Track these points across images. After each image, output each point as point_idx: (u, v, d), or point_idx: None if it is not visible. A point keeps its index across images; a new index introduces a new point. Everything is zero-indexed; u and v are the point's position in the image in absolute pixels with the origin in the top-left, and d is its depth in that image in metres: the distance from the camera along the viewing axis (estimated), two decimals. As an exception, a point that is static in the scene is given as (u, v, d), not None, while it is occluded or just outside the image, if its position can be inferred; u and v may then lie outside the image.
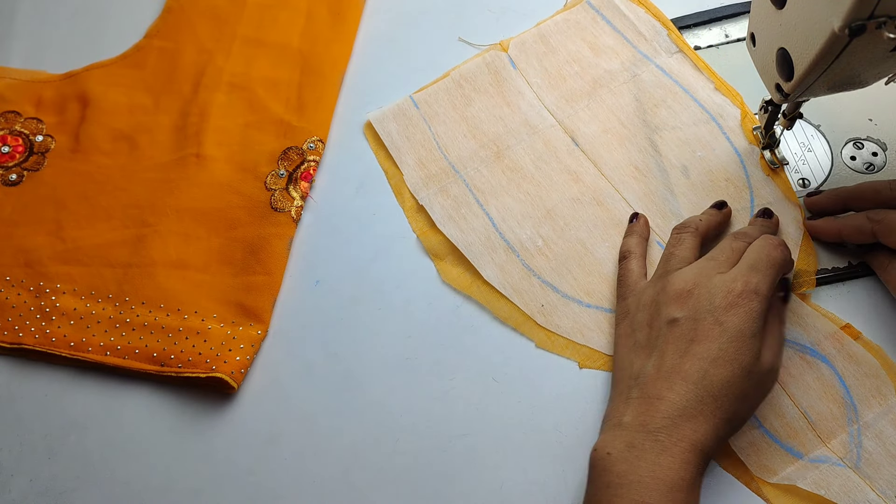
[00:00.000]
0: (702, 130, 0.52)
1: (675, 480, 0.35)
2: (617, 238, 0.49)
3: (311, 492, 0.44)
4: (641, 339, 0.41)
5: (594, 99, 0.54)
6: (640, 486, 0.35)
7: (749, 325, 0.39)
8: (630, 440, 0.37)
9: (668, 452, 0.36)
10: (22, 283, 0.51)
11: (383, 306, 0.49)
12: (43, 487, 0.45)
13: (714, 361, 0.38)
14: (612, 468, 0.36)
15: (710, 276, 0.41)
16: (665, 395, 0.38)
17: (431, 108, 0.54)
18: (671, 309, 0.40)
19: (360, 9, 0.61)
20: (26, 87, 0.59)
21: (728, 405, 0.38)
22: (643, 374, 0.39)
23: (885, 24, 0.34)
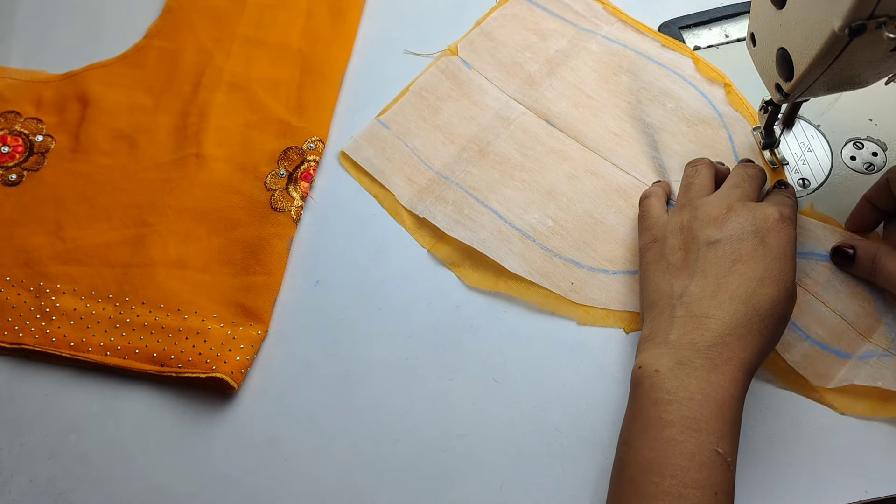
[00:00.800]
0: (666, 84, 0.54)
1: (725, 398, 0.36)
2: (621, 202, 0.50)
3: (311, 492, 0.44)
4: (677, 261, 0.41)
5: (555, 78, 0.55)
6: (692, 403, 0.35)
7: (790, 247, 0.40)
8: (679, 357, 0.37)
9: (719, 370, 0.36)
10: (22, 283, 0.51)
11: (383, 306, 0.49)
12: (43, 487, 0.45)
13: (761, 281, 0.38)
14: (661, 384, 0.37)
15: (744, 202, 0.42)
16: (713, 314, 0.38)
17: (402, 126, 0.54)
18: (709, 231, 0.41)
19: (360, 9, 0.61)
20: (26, 87, 0.59)
21: (773, 325, 0.38)
22: (687, 293, 0.39)
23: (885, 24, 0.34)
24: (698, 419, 0.35)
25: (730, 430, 0.36)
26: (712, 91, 0.53)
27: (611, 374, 0.45)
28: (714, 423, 0.35)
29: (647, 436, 0.36)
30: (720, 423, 0.35)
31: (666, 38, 0.56)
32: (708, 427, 0.35)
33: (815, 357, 0.44)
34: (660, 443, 0.35)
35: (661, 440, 0.35)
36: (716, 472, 0.34)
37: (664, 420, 0.36)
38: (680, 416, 0.35)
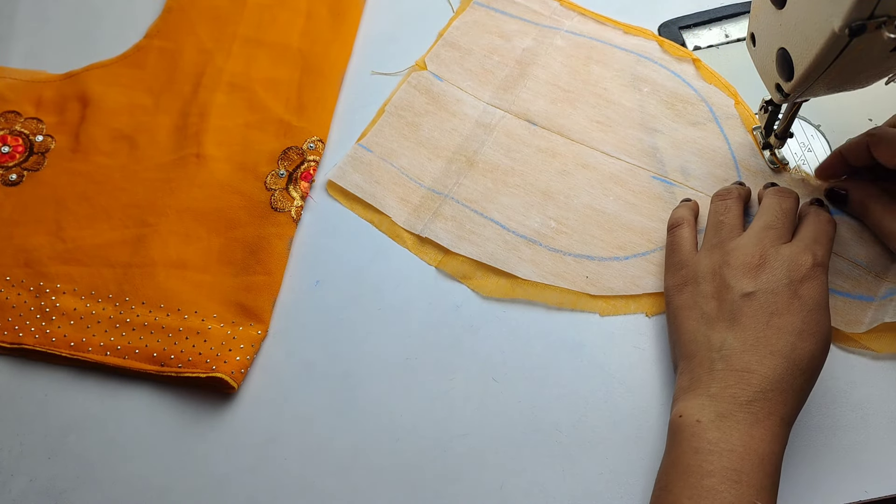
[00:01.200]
0: (637, 70, 0.55)
1: (766, 452, 0.36)
2: (617, 189, 0.50)
3: (311, 492, 0.44)
4: (711, 311, 0.41)
5: (527, 78, 0.56)
6: (733, 455, 0.36)
7: (823, 297, 0.40)
8: (721, 410, 0.37)
9: (761, 424, 0.36)
10: (22, 283, 0.51)
11: (383, 306, 0.49)
12: (43, 487, 0.45)
13: (800, 335, 0.38)
14: (702, 434, 0.37)
15: (776, 246, 0.41)
16: (755, 369, 0.38)
17: (384, 147, 0.54)
18: (743, 282, 0.40)
19: (360, 9, 0.61)
20: (26, 87, 0.59)
21: (811, 378, 0.39)
22: (726, 346, 0.39)
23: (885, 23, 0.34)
24: (739, 471, 0.35)
25: (769, 485, 0.36)
26: (683, 69, 0.54)
27: (611, 374, 0.45)
28: (755, 477, 0.35)
29: (687, 483, 0.36)
30: (761, 477, 0.35)
31: (626, 25, 0.57)
32: (749, 480, 0.35)
33: (841, 307, 0.45)
34: (699, 491, 0.35)
35: (701, 489, 0.35)
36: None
37: (705, 469, 0.36)
38: (721, 467, 0.35)
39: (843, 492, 0.41)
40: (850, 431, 0.43)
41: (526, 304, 0.48)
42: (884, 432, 0.42)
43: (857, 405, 0.43)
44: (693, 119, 0.52)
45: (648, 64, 0.55)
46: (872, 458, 0.42)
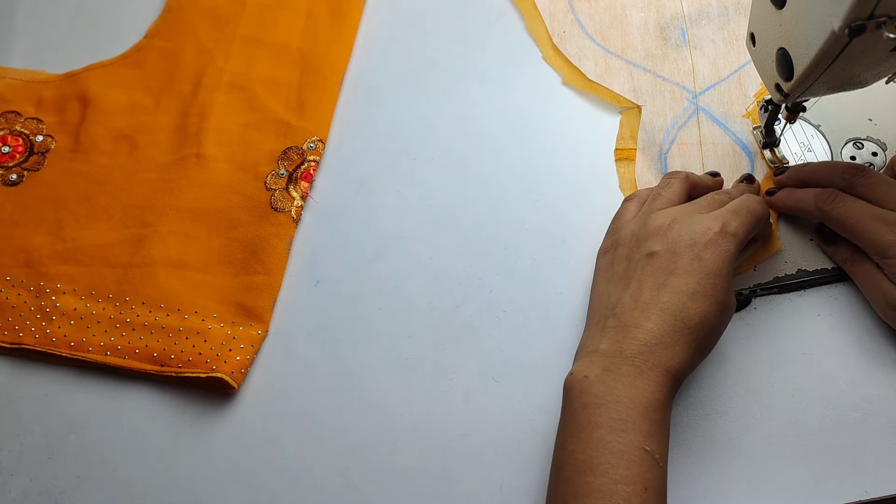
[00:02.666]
0: None
1: (650, 400, 0.37)
2: (653, 13, 0.57)
3: (311, 492, 0.44)
4: (619, 272, 0.42)
5: None
6: (618, 406, 0.37)
7: (725, 265, 0.40)
8: (607, 364, 0.38)
9: (644, 376, 0.37)
10: (22, 283, 0.51)
11: (383, 306, 0.49)
12: (43, 487, 0.45)
13: (693, 296, 0.39)
14: (589, 389, 0.38)
15: (691, 214, 0.42)
16: (642, 324, 0.39)
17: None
18: (650, 243, 0.41)
19: (360, 9, 0.61)
20: (26, 87, 0.59)
21: (702, 337, 0.39)
22: (620, 304, 0.40)
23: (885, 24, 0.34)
24: (625, 420, 0.36)
25: (657, 431, 0.37)
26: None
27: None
28: (641, 423, 0.36)
29: (579, 438, 0.37)
30: (647, 424, 0.36)
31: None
32: (635, 427, 0.36)
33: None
34: (590, 444, 0.36)
35: (591, 441, 0.36)
36: (644, 469, 0.36)
37: (593, 423, 0.37)
38: (608, 418, 0.36)
39: (843, 492, 0.41)
40: (850, 431, 0.42)
41: (526, 303, 0.48)
42: (884, 432, 0.42)
43: (857, 405, 0.43)
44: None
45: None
46: (872, 458, 0.42)
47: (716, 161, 0.51)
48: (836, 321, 0.45)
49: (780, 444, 0.42)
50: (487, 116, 0.55)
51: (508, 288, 0.49)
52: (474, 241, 0.51)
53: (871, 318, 0.45)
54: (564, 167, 0.53)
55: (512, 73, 0.57)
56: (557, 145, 0.54)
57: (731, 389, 0.44)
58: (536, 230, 0.51)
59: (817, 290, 0.46)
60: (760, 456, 0.42)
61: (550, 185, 0.52)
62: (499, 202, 0.52)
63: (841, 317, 0.46)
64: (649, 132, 0.52)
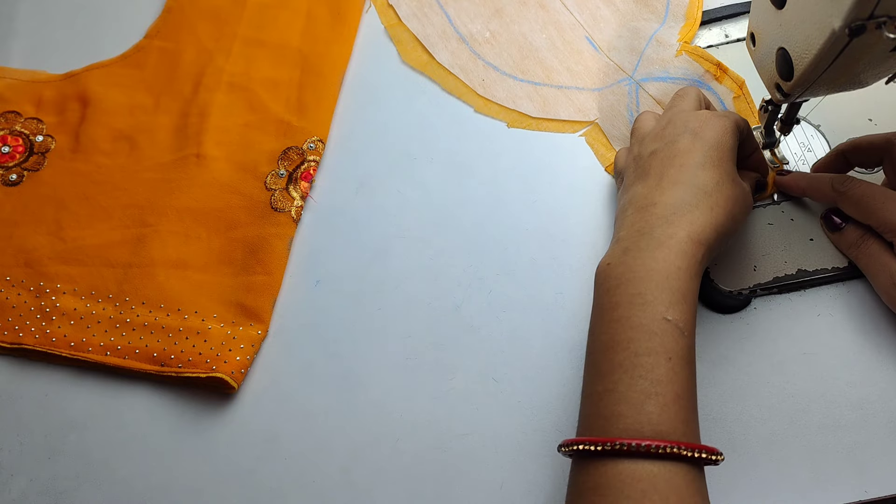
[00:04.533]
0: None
1: (670, 269, 0.37)
2: (554, 32, 0.57)
3: (311, 491, 0.44)
4: (631, 176, 0.43)
5: None
6: (635, 281, 0.37)
7: (726, 137, 0.41)
8: (626, 246, 0.38)
9: (664, 246, 0.37)
10: (22, 283, 0.51)
11: (383, 306, 0.49)
12: (43, 487, 0.45)
13: (701, 165, 0.40)
14: (611, 273, 0.38)
15: (682, 109, 0.44)
16: (657, 201, 0.39)
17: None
18: (651, 145, 0.43)
19: (360, 9, 0.61)
20: (26, 87, 0.59)
21: (722, 201, 0.39)
22: (635, 196, 0.41)
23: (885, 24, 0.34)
24: (643, 293, 0.36)
25: (679, 299, 0.36)
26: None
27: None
28: (660, 294, 0.36)
29: (602, 320, 0.37)
30: (667, 294, 0.36)
31: None
32: (654, 298, 0.36)
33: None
34: (612, 324, 0.36)
35: (612, 321, 0.36)
36: (667, 339, 0.35)
37: (613, 302, 0.37)
38: (626, 295, 0.36)
39: (843, 492, 0.41)
40: (850, 431, 0.43)
41: (526, 303, 0.48)
42: (884, 432, 0.42)
43: (857, 405, 0.43)
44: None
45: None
46: (872, 458, 0.42)
47: None
48: (836, 321, 0.45)
49: (780, 444, 0.43)
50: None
51: (508, 288, 0.49)
52: (474, 241, 0.51)
53: (872, 319, 0.45)
54: (564, 167, 0.53)
55: (512, 73, 0.57)
56: (557, 145, 0.54)
57: (732, 389, 0.44)
58: (536, 230, 0.51)
59: (817, 290, 0.46)
60: (761, 456, 0.42)
61: (550, 185, 0.52)
62: (499, 202, 0.52)
63: (841, 317, 0.46)
64: (619, 136, 0.53)
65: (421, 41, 0.58)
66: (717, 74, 0.52)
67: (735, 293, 0.46)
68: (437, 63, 0.57)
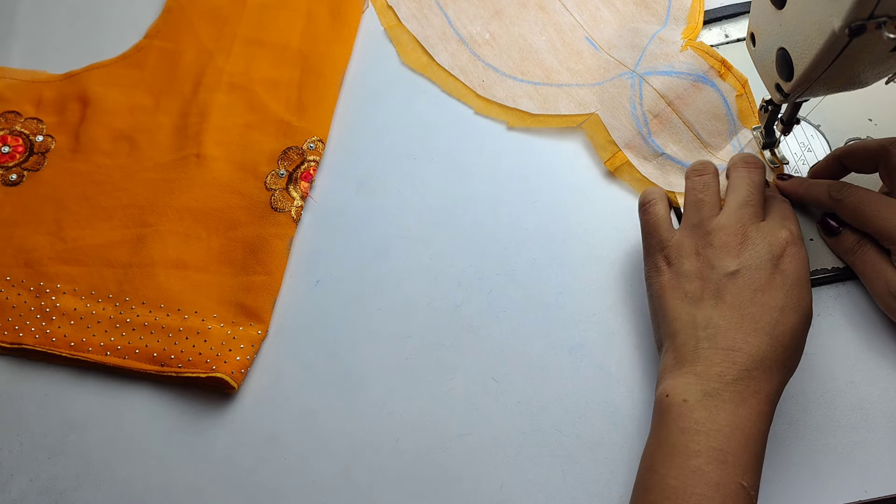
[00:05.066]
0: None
1: (752, 431, 0.36)
2: (553, 34, 0.57)
3: (312, 491, 0.44)
4: (695, 291, 0.41)
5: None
6: (720, 435, 0.36)
7: (804, 272, 0.40)
8: (707, 389, 0.37)
9: (747, 403, 0.36)
10: (22, 283, 0.51)
11: (383, 306, 0.49)
12: (43, 487, 0.45)
13: (782, 310, 0.38)
14: (689, 414, 0.37)
15: (756, 224, 0.42)
16: (741, 347, 0.38)
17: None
18: (726, 261, 0.40)
19: (360, 9, 0.61)
20: (26, 87, 0.59)
21: (794, 354, 0.39)
22: (711, 324, 0.39)
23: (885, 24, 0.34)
24: (725, 451, 0.35)
25: (755, 464, 0.36)
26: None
27: (611, 374, 0.45)
28: (741, 457, 0.35)
29: (673, 463, 0.36)
30: (747, 457, 0.36)
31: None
32: (735, 460, 0.35)
33: (670, 169, 0.51)
34: (685, 471, 0.35)
35: (686, 469, 0.35)
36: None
37: (691, 449, 0.36)
38: (707, 447, 0.35)
39: (843, 492, 0.41)
40: (850, 431, 0.43)
41: (526, 303, 0.48)
42: (884, 432, 0.42)
43: (858, 405, 0.43)
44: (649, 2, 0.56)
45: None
46: (872, 458, 0.42)
47: (691, 107, 0.51)
48: (836, 321, 0.46)
49: (780, 444, 0.43)
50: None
51: (508, 288, 0.49)
52: (474, 241, 0.51)
53: (872, 319, 0.45)
54: (564, 167, 0.53)
55: (512, 73, 0.57)
56: (558, 145, 0.54)
57: (731, 389, 0.44)
58: (536, 230, 0.51)
59: (817, 290, 0.46)
60: (760, 456, 0.42)
61: (550, 184, 0.52)
62: (499, 202, 0.52)
63: (841, 317, 0.46)
64: (620, 128, 0.52)
65: (420, 42, 0.58)
66: (721, 71, 0.52)
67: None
68: (436, 64, 0.57)
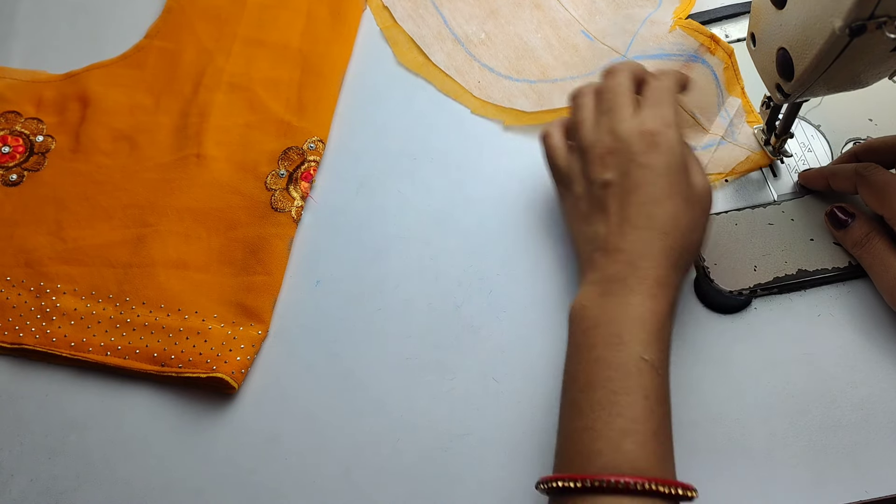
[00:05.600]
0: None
1: (644, 314, 0.38)
2: (549, 31, 0.57)
3: (312, 492, 0.44)
4: (585, 208, 0.43)
5: None
6: (612, 323, 0.38)
7: (672, 158, 0.41)
8: (601, 290, 0.40)
9: (635, 291, 0.38)
10: (22, 283, 0.51)
11: (383, 306, 0.49)
12: (43, 487, 0.45)
13: (655, 202, 0.40)
14: (587, 314, 0.39)
15: (618, 127, 0.42)
16: (622, 247, 0.40)
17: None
18: (599, 173, 0.42)
19: (360, 9, 0.61)
20: (26, 87, 0.59)
21: (679, 236, 0.40)
22: (597, 236, 0.42)
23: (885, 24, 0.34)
24: (620, 335, 0.37)
25: (654, 339, 0.38)
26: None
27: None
28: (637, 335, 0.37)
29: (579, 359, 0.38)
30: (643, 335, 0.37)
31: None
32: (630, 338, 0.37)
33: None
34: (590, 363, 0.38)
35: (590, 361, 0.38)
36: (644, 378, 0.36)
37: (590, 343, 0.38)
38: (604, 335, 0.38)
39: (844, 492, 0.41)
40: (851, 431, 0.43)
41: (525, 303, 0.48)
42: (884, 432, 0.42)
43: (858, 405, 0.43)
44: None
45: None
46: (872, 458, 0.42)
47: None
48: (836, 321, 0.46)
49: (780, 444, 0.43)
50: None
51: (508, 288, 0.49)
52: (474, 241, 0.51)
53: (872, 319, 0.45)
54: (564, 167, 0.53)
55: (512, 73, 0.57)
56: (557, 145, 0.54)
57: (732, 390, 0.44)
58: (536, 230, 0.51)
59: (818, 290, 0.46)
60: (761, 456, 0.42)
61: (550, 184, 0.52)
62: (499, 202, 0.52)
63: (842, 317, 0.46)
64: None
65: (416, 42, 0.58)
66: (710, 47, 0.52)
67: (735, 293, 0.46)
68: (432, 64, 0.57)
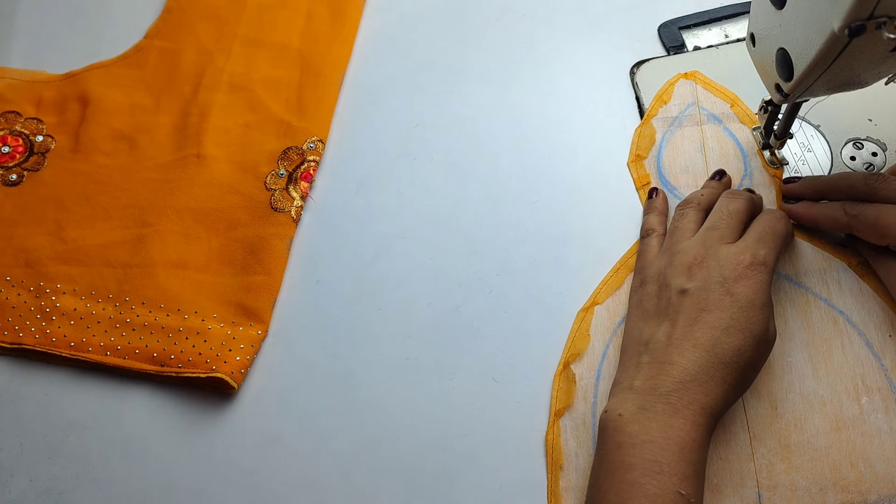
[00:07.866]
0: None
1: (686, 441, 0.36)
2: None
3: (311, 492, 0.44)
4: (650, 308, 0.42)
5: None
6: (653, 446, 0.36)
7: (759, 296, 0.39)
8: (642, 403, 0.37)
9: (680, 414, 0.37)
10: (22, 283, 0.51)
11: (383, 306, 0.49)
12: (43, 487, 0.45)
13: (726, 330, 0.38)
14: (624, 428, 0.37)
15: (717, 246, 0.42)
16: (676, 361, 0.38)
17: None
18: (680, 280, 0.41)
19: (360, 9, 0.61)
20: (26, 88, 0.59)
21: (737, 372, 0.38)
22: (653, 340, 0.40)
23: (885, 24, 0.34)
24: (660, 462, 0.35)
25: (692, 473, 0.36)
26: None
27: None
28: (676, 466, 0.35)
29: (613, 479, 0.36)
30: (682, 466, 0.36)
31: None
32: (670, 469, 0.35)
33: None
34: (624, 486, 0.35)
35: (624, 483, 0.35)
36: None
37: (627, 463, 0.36)
38: (642, 460, 0.36)
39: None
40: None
41: (525, 303, 0.48)
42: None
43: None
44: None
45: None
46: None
47: (715, 149, 0.51)
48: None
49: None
50: (487, 116, 0.55)
51: (508, 288, 0.49)
52: (474, 241, 0.51)
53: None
54: (564, 167, 0.53)
55: (511, 74, 0.57)
56: (557, 145, 0.54)
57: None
58: (536, 230, 0.51)
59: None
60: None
61: (550, 185, 0.52)
62: (499, 202, 0.52)
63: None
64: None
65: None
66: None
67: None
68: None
